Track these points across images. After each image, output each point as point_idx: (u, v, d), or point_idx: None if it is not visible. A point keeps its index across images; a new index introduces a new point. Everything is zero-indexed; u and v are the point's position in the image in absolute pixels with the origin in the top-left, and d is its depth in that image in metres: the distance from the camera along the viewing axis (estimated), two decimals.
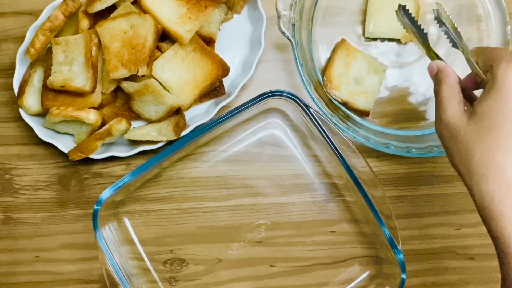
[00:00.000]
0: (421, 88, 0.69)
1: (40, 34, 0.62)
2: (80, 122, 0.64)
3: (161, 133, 0.65)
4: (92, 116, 0.63)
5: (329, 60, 0.68)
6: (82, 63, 0.63)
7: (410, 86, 0.70)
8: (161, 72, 0.64)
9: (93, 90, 0.63)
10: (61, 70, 0.63)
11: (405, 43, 0.69)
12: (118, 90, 0.66)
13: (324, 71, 0.68)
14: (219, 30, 0.67)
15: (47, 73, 0.64)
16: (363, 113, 0.68)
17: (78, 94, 0.63)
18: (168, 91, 0.64)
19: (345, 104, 0.67)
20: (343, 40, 0.68)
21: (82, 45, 0.63)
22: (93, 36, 0.62)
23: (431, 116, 0.70)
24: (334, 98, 0.67)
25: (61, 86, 0.62)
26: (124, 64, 0.62)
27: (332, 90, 0.66)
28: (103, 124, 0.65)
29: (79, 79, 0.63)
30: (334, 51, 0.68)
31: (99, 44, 0.63)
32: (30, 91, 0.65)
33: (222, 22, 0.67)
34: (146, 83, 0.62)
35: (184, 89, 0.64)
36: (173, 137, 0.64)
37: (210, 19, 0.66)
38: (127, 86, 0.64)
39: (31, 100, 0.65)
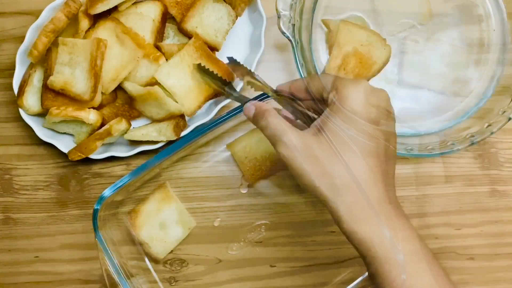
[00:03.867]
0: (423, 86, 0.70)
1: (43, 35, 0.62)
2: (80, 122, 0.64)
3: (161, 133, 0.65)
4: (92, 116, 0.63)
5: (144, 199, 0.67)
6: (86, 69, 0.62)
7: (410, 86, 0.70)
8: (166, 78, 0.63)
9: (91, 99, 0.63)
10: (63, 71, 0.63)
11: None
12: (118, 90, 0.66)
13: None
14: (225, 40, 0.67)
15: (47, 73, 0.63)
16: (154, 260, 0.66)
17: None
18: (172, 97, 0.64)
19: (141, 244, 0.66)
20: (164, 185, 0.67)
21: (88, 51, 0.62)
22: (100, 44, 0.62)
23: (431, 116, 0.70)
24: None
25: (61, 89, 0.62)
26: None
27: (132, 226, 0.65)
28: (103, 124, 0.65)
29: (79, 85, 0.62)
30: (152, 192, 0.67)
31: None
32: (30, 91, 0.65)
33: (228, 32, 0.67)
34: (149, 91, 0.62)
35: (189, 96, 0.64)
36: (173, 138, 0.64)
37: (217, 28, 0.66)
38: (131, 88, 0.64)
39: (31, 100, 0.65)
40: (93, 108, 0.64)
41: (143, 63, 0.64)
